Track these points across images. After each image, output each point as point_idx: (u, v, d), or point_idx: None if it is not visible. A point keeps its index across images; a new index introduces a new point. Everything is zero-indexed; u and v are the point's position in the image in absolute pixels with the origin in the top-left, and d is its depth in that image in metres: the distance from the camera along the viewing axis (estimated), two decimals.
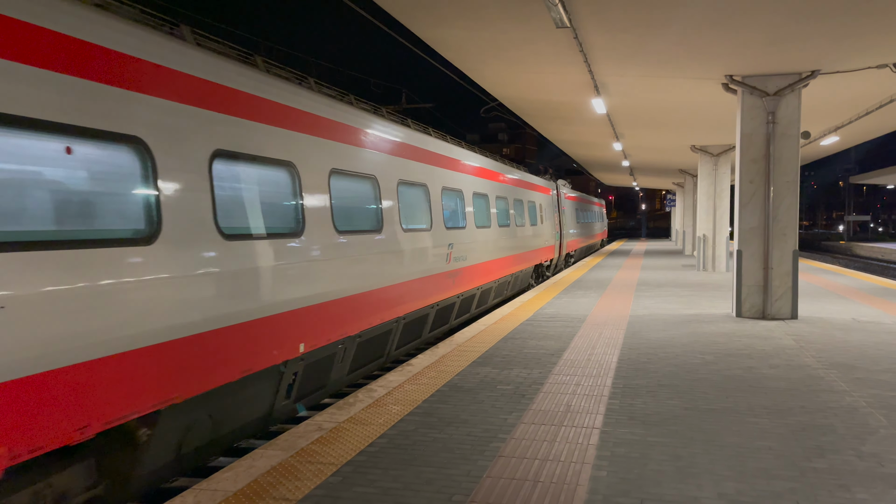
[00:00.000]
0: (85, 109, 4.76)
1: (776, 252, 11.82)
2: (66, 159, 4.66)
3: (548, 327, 10.90)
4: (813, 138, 20.40)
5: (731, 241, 22.72)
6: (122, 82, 5.13)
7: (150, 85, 5.42)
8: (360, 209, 8.92)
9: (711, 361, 8.29)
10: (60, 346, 4.43)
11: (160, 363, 5.31)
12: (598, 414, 6.12)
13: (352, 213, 8.63)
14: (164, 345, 5.33)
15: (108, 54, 5.02)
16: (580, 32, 9.57)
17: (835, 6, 8.37)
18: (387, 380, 7.47)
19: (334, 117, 8.37)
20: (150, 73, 5.41)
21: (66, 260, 4.50)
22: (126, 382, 4.97)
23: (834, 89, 13.04)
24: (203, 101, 6.01)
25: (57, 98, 4.54)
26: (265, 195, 6.85)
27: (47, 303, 4.35)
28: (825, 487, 4.44)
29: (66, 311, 4.49)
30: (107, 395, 4.80)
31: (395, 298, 9.85)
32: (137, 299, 5.08)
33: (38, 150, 4.46)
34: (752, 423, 5.84)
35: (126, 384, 4.98)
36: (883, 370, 7.76)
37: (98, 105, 4.88)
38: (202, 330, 5.76)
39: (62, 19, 4.65)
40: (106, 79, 4.98)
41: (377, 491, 4.44)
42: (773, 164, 11.72)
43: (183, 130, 5.73)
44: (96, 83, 4.89)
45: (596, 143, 23.80)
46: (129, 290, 5.01)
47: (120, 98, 5.09)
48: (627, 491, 4.39)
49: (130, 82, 5.22)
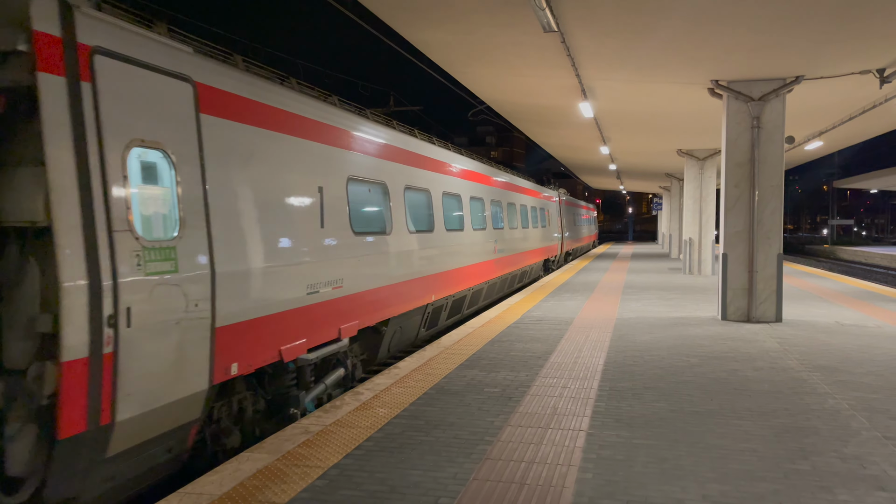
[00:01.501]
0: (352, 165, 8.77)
1: (761, 256, 11.91)
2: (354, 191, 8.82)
3: (535, 330, 10.93)
4: (797, 143, 20.60)
5: (716, 244, 22.91)
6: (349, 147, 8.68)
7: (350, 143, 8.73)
8: (426, 215, 11.85)
9: (697, 364, 8.35)
10: (369, 284, 8.85)
11: (393, 293, 9.76)
12: (584, 416, 6.15)
13: (421, 217, 11.55)
14: (396, 284, 9.83)
15: (338, 131, 8.41)
16: (567, 37, 9.62)
17: (818, 13, 8.46)
18: (374, 382, 7.46)
19: (406, 147, 11.11)
20: (341, 135, 8.52)
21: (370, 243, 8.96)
22: (383, 302, 9.37)
23: (818, 94, 13.18)
24: (344, 146, 8.62)
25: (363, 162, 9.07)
26: (373, 205, 9.66)
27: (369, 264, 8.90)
28: (808, 489, 4.48)
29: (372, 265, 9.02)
30: (373, 308, 9.02)
31: (467, 276, 14.22)
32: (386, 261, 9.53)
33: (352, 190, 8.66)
34: (736, 425, 5.89)
35: (383, 303, 9.36)
36: (865, 373, 7.85)
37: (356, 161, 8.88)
38: (400, 280, 10.06)
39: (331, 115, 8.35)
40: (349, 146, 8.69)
41: (363, 494, 4.43)
42: (758, 168, 11.83)
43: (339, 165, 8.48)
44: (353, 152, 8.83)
45: (583, 146, 23.90)
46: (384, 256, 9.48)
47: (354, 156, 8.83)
48: (613, 493, 4.41)
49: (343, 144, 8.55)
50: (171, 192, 5.29)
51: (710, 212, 22.68)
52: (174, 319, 5.12)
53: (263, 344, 6.37)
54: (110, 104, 4.74)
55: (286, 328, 6.74)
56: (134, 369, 4.75)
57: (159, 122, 5.22)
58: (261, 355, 6.35)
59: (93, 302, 4.41)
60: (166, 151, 5.25)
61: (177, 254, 5.20)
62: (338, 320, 8.01)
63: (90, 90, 4.58)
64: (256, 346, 6.24)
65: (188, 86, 5.58)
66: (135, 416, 4.80)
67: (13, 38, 4.25)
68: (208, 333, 5.52)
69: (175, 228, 5.29)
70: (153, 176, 5.21)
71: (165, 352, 5.05)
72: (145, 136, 5.06)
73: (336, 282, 7.96)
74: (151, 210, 5.13)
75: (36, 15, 4.26)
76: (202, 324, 5.44)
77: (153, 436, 5.09)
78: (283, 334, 6.73)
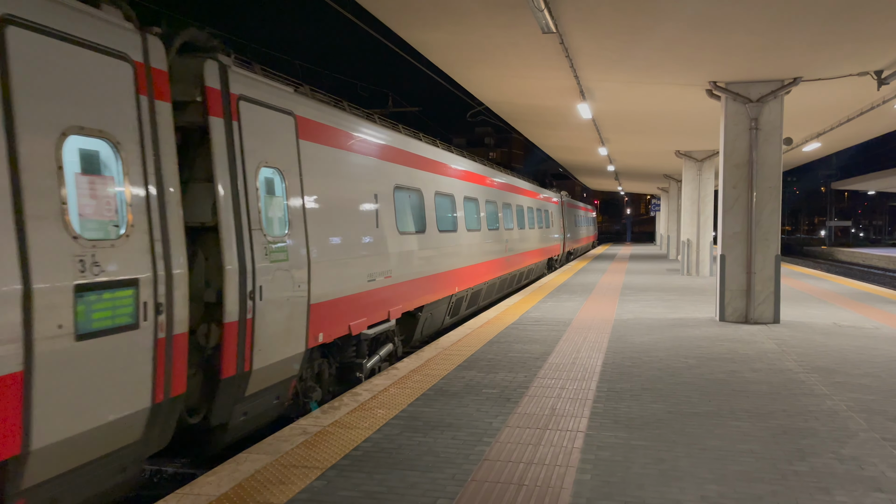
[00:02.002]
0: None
1: (759, 257, 11.93)
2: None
3: (533, 331, 10.93)
4: (795, 144, 20.63)
5: (714, 245, 22.92)
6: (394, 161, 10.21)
7: (395, 157, 10.41)
8: (451, 217, 13.69)
9: (695, 365, 8.36)
10: (410, 275, 10.33)
11: (427, 284, 11.33)
12: (582, 417, 6.15)
13: (446, 219, 13.34)
14: (429, 276, 11.46)
15: (387, 147, 10.03)
16: (566, 38, 9.63)
17: (816, 14, 8.48)
18: (372, 383, 7.46)
19: (437, 158, 13.02)
20: (389, 150, 10.18)
21: (410, 240, 10.46)
22: (420, 291, 10.75)
23: (816, 96, 13.20)
24: (390, 159, 10.22)
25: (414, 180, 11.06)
26: (412, 208, 11.15)
27: (410, 258, 10.43)
28: (806, 490, 4.49)
29: (412, 259, 10.54)
30: (412, 295, 10.46)
31: (484, 271, 15.90)
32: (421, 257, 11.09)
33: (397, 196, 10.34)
34: (734, 426, 5.89)
35: (419, 292, 10.76)
36: (863, 374, 7.86)
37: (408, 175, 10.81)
38: (432, 273, 11.66)
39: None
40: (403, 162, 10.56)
41: (361, 494, 4.43)
42: (756, 169, 11.85)
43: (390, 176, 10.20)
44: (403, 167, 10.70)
45: (581, 147, 23.93)
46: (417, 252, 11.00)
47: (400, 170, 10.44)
48: (610, 494, 4.41)
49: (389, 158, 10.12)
50: (283, 200, 6.90)
51: (708, 213, 22.71)
52: (286, 296, 6.72)
53: (339, 320, 7.99)
54: (248, 136, 6.35)
55: (353, 308, 8.43)
56: (262, 332, 6.30)
57: (275, 147, 6.82)
58: (337, 329, 7.95)
59: (242, 280, 5.97)
60: (280, 169, 6.86)
61: (287, 247, 6.78)
62: (388, 304, 9.53)
63: (237, 127, 6.19)
64: (334, 321, 7.88)
65: (291, 118, 7.21)
66: (262, 367, 6.34)
67: (192, 92, 5.87)
68: (306, 308, 7.12)
69: (286, 227, 6.85)
70: (272, 188, 6.75)
71: (280, 320, 6.61)
72: (268, 159, 6.64)
73: (387, 272, 9.47)
74: (272, 214, 6.68)
75: (207, 74, 5.89)
76: (302, 300, 7.04)
77: (270, 384, 6.65)
78: (352, 313, 8.32)
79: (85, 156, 4.53)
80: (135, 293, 4.71)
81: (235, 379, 5.96)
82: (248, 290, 6.06)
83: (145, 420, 4.84)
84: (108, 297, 4.45)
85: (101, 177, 4.63)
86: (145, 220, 4.88)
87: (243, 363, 6.02)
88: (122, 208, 4.73)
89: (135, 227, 4.77)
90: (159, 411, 4.97)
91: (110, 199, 4.68)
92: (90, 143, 4.54)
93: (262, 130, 6.61)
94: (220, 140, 5.92)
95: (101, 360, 4.37)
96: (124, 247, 4.64)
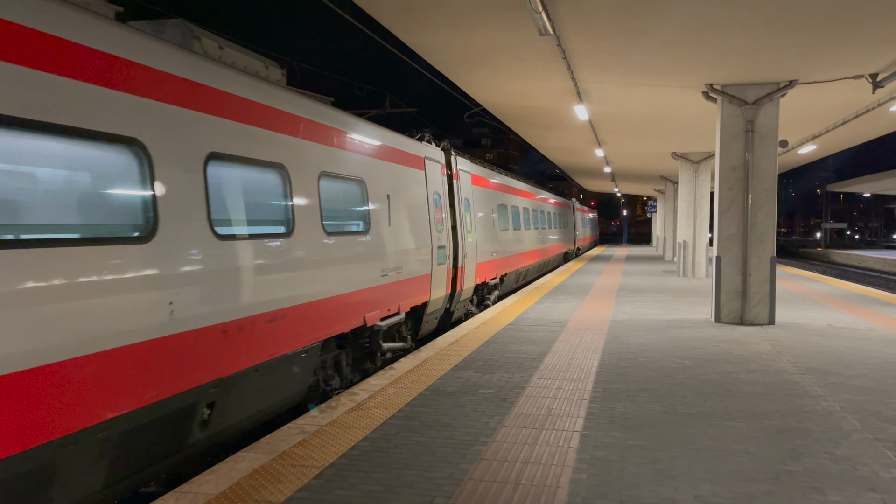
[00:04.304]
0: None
1: (754, 258, 11.98)
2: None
3: (529, 332, 10.97)
4: (791, 147, 20.70)
5: (710, 247, 22.99)
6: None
7: (504, 189, 19.23)
8: (521, 220, 21.07)
9: (690, 366, 8.40)
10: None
11: (514, 259, 19.62)
12: (578, 417, 6.18)
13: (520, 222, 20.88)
14: (517, 255, 20.42)
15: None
16: (563, 40, 9.67)
17: (812, 18, 8.53)
18: (369, 383, 7.48)
19: (516, 186, 20.90)
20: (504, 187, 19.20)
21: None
22: (426, 287, 11.62)
23: (812, 99, 13.27)
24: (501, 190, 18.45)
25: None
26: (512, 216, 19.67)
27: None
28: (800, 490, 4.53)
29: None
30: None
31: (519, 259, 20.65)
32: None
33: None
34: (728, 426, 5.93)
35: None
36: (857, 375, 7.91)
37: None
38: (514, 253, 19.92)
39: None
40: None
41: (359, 494, 4.46)
42: (752, 171, 11.90)
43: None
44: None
45: (578, 149, 23.98)
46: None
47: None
48: (606, 493, 4.44)
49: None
50: (470, 215, 13.94)
51: (704, 215, 22.78)
52: (471, 258, 14.04)
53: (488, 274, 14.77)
54: (457, 187, 13.33)
55: (492, 267, 13.13)
56: (462, 275, 13.31)
57: (466, 189, 14.22)
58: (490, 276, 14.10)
59: (457, 252, 13.08)
60: (468, 200, 13.95)
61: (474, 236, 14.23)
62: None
63: (456, 184, 13.51)
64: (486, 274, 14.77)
65: (469, 174, 14.30)
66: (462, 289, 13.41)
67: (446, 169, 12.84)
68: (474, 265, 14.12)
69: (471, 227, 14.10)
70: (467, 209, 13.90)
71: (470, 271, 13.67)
72: (465, 195, 13.82)
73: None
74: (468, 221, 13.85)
75: (447, 155, 13.22)
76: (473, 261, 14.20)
77: (465, 298, 13.69)
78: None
79: (434, 201, 11.89)
80: (446, 251, 12.26)
81: (453, 293, 12.85)
82: (462, 255, 13.25)
83: (445, 297, 12.30)
84: (442, 252, 12.03)
85: (438, 208, 12.10)
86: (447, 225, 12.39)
87: (456, 286, 13.03)
88: (444, 220, 12.30)
89: (444, 226, 12.17)
90: (452, 295, 12.71)
91: (440, 217, 12.12)
92: (436, 198, 12.01)
93: (463, 182, 14.02)
94: (450, 190, 13.04)
95: (438, 275, 11.81)
96: (443, 233, 12.08)
